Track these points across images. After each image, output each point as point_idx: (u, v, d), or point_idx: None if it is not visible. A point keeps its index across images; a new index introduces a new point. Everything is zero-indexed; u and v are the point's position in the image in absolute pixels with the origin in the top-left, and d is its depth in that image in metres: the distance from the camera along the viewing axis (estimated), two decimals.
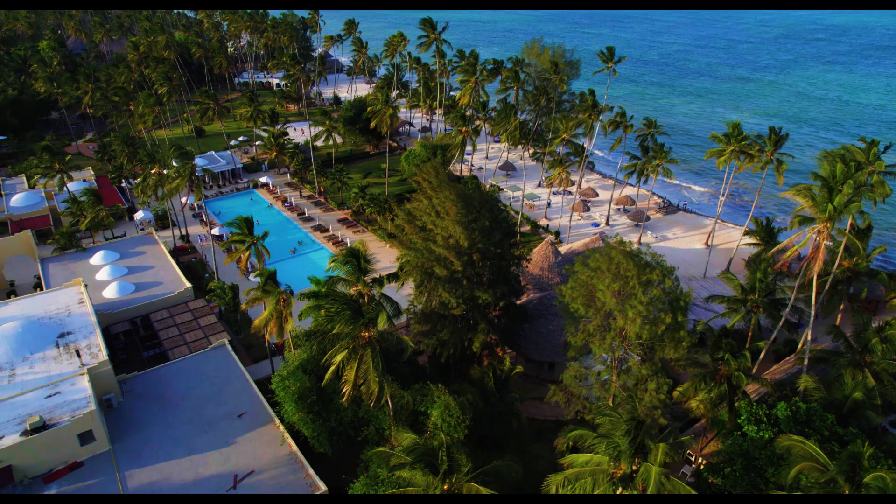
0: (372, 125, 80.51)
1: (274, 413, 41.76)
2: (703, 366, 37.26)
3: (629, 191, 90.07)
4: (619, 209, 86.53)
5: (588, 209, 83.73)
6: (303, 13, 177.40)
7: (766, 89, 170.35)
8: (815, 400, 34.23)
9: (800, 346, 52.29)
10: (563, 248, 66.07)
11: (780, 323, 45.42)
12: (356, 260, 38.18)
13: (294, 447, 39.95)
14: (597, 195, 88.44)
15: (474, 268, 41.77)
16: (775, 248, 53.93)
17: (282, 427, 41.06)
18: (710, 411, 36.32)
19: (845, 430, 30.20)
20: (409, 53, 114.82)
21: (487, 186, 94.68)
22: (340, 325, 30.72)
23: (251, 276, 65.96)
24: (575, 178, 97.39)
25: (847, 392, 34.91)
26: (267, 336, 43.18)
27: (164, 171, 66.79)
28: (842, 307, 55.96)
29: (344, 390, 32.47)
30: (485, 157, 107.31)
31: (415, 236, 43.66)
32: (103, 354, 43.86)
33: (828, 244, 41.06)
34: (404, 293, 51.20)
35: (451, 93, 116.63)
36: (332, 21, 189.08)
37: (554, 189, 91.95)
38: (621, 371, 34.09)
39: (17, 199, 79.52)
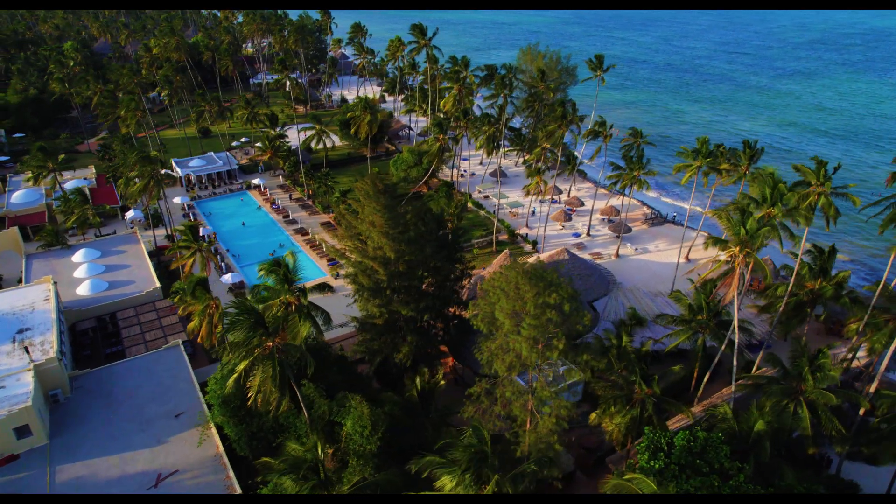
0: (352, 131, 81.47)
1: (209, 415, 42.99)
2: (620, 388, 36.83)
3: (617, 201, 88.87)
4: (603, 219, 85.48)
5: (570, 218, 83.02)
6: (317, 15, 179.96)
7: (785, 98, 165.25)
8: (721, 430, 33.45)
9: (754, 369, 51.12)
10: (530, 260, 65.76)
11: (723, 345, 44.44)
12: (281, 269, 38.94)
13: (221, 449, 41.09)
14: (582, 204, 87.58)
15: (405, 279, 42.13)
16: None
17: (214, 429, 42.30)
18: (624, 436, 35.90)
19: (732, 465, 29.44)
20: (412, 58, 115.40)
21: (476, 193, 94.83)
22: (239, 334, 31.54)
23: (223, 278, 67.74)
24: (565, 186, 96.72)
25: (751, 423, 34.00)
26: (199, 340, 44.39)
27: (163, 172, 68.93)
28: (806, 329, 54.36)
29: (248, 395, 33.28)
30: (479, 163, 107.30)
31: (351, 244, 44.31)
32: (53, 351, 45.81)
33: (744, 268, 39.99)
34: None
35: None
36: (349, 22, 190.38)
37: (541, 198, 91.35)
38: (525, 391, 33.96)
39: (16, 196, 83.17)
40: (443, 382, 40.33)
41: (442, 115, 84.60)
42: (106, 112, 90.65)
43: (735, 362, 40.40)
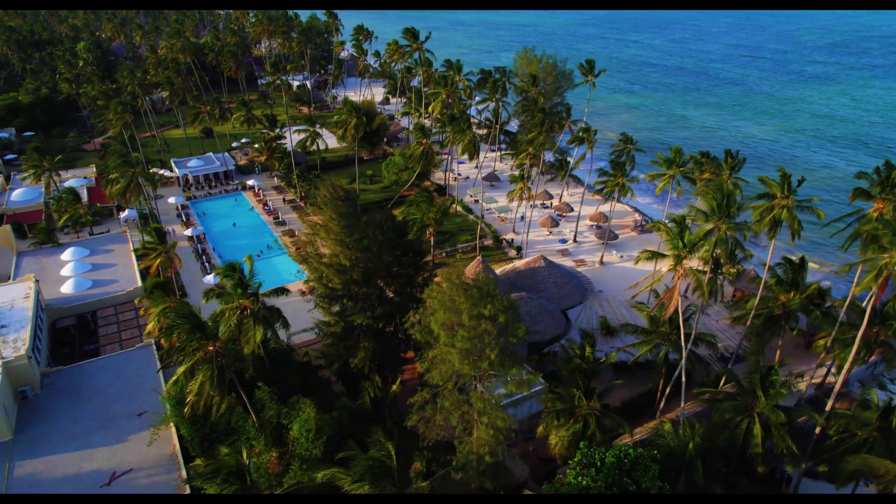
0: (338, 134, 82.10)
1: (164, 415, 43.78)
2: (564, 401, 36.69)
3: (607, 207, 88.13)
4: (592, 226, 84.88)
5: (557, 224, 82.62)
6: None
7: (796, 103, 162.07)
8: (659, 447, 33.08)
9: (722, 383, 50.41)
10: (507, 267, 65.75)
11: (683, 358, 43.93)
12: (236, 274, 39.54)
13: (177, 448, 41.89)
14: (571, 210, 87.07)
15: (362, 287, 42.46)
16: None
17: (173, 428, 43.13)
18: (567, 450, 35.73)
19: (654, 485, 29.09)
20: (404, 61, 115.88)
21: (468, 197, 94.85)
22: (179, 338, 32.17)
23: (205, 278, 68.81)
24: (557, 191, 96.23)
25: (685, 440, 33.59)
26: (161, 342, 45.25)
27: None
28: (780, 343, 53.48)
29: (188, 400, 33.90)
30: (474, 166, 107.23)
31: (313, 250, 44.78)
32: (24, 349, 47.07)
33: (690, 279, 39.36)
34: None
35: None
36: (359, 23, 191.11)
37: (531, 202, 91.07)
38: (463, 402, 34.00)
39: (16, 194, 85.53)
40: (394, 388, 40.51)
41: (426, 120, 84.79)
42: (101, 113, 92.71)
43: (683, 378, 39.91)
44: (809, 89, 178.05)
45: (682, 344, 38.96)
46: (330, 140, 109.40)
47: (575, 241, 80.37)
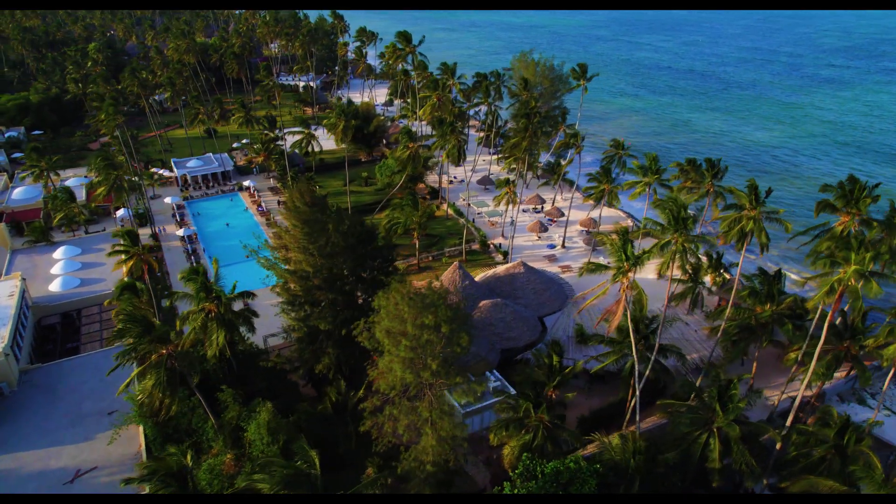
0: (328, 136, 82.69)
1: (128, 416, 44.53)
2: (515, 411, 36.66)
3: (597, 212, 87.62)
4: (582, 231, 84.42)
5: (546, 229, 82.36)
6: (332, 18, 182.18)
7: (806, 109, 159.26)
8: (602, 461, 32.88)
9: (693, 396, 49.89)
10: (488, 273, 65.72)
11: (647, 370, 43.64)
12: (199, 277, 40.15)
13: (143, 448, 42.61)
14: (562, 215, 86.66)
15: (325, 292, 42.83)
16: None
17: (141, 428, 43.90)
18: (518, 462, 35.64)
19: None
20: (397, 65, 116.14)
21: (461, 201, 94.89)
22: (130, 341, 32.81)
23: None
24: (550, 196, 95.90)
25: (627, 454, 33.33)
26: None
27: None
28: (757, 354, 52.80)
29: (139, 398, 34.53)
30: (472, 168, 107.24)
31: (282, 255, 45.30)
32: (1, 346, 48.23)
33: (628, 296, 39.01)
34: None
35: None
36: (372, 24, 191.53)
37: (522, 206, 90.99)
38: (411, 411, 34.13)
39: (17, 193, 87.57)
40: (360, 393, 40.73)
41: (410, 125, 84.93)
42: (93, 114, 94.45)
43: (637, 392, 39.58)
44: (822, 94, 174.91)
45: (635, 355, 38.68)
46: (329, 142, 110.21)
47: (563, 246, 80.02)
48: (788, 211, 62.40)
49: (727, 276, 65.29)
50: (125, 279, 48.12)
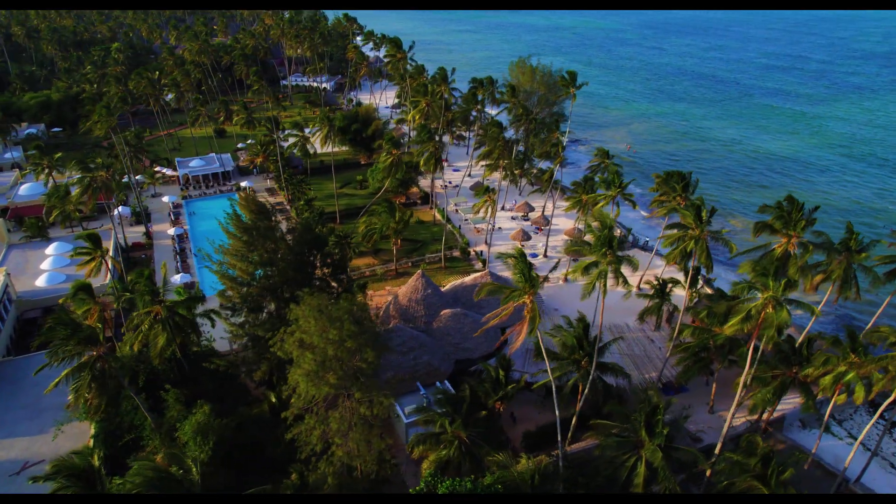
0: (313, 140, 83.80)
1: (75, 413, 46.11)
2: (434, 425, 36.75)
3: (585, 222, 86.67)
4: (566, 240, 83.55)
5: (529, 238, 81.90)
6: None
7: (826, 119, 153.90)
8: (504, 482, 32.61)
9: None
10: (455, 281, 65.80)
11: (586, 387, 43.23)
12: (143, 279, 41.47)
13: (91, 444, 44.19)
14: (548, 223, 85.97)
15: (269, 300, 43.69)
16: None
17: (92, 424, 45.50)
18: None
19: None
20: (392, 69, 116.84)
21: (451, 206, 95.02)
22: (61, 344, 34.17)
23: (173, 278, 71.69)
24: (540, 204, 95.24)
25: (526, 478, 33.00)
26: None
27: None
28: (716, 375, 51.71)
29: (69, 398, 35.88)
30: (468, 174, 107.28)
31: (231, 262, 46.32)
32: None
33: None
34: None
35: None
36: (395, 27, 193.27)
37: (511, 214, 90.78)
38: (321, 423, 34.54)
39: (24, 189, 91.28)
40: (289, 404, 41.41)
41: (393, 130, 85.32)
42: (88, 116, 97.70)
43: (557, 412, 39.21)
44: (846, 103, 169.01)
45: (549, 371, 38.28)
46: (330, 144, 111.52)
47: (545, 255, 79.47)
48: None
49: (710, 291, 63.92)
50: (87, 280, 49.87)
